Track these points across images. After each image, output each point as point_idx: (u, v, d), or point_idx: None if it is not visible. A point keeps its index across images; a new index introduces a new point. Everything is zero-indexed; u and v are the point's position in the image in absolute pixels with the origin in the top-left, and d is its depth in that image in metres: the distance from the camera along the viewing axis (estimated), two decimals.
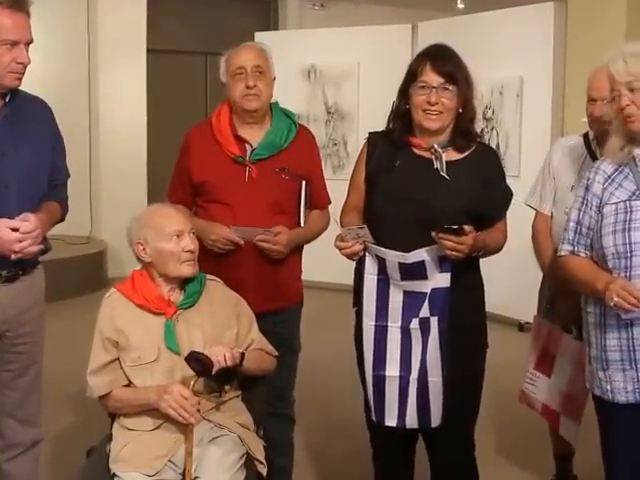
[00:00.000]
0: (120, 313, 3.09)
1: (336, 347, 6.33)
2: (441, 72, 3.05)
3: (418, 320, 3.04)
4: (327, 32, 9.01)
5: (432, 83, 3.05)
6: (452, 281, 3.00)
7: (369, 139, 3.32)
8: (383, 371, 3.09)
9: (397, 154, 3.18)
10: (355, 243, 3.01)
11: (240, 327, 3.19)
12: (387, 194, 3.15)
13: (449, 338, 3.04)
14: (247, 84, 3.48)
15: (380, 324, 3.08)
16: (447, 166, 3.10)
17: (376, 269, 3.05)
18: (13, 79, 2.98)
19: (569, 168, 3.76)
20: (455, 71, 3.08)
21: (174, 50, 10.46)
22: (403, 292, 3.04)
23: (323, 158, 8.56)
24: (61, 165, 3.33)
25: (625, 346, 2.85)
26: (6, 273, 3.07)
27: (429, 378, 3.06)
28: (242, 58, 3.52)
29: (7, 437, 3.28)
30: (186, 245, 3.07)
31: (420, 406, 3.09)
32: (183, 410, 2.88)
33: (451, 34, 7.77)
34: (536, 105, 7.13)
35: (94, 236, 9.17)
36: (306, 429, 4.59)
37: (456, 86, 3.06)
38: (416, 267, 2.98)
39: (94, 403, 3.15)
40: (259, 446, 3.11)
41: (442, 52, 3.13)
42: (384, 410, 3.12)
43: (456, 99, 3.08)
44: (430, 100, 3.05)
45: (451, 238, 2.88)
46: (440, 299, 3.02)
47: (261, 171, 3.50)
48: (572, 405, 3.57)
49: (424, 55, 3.13)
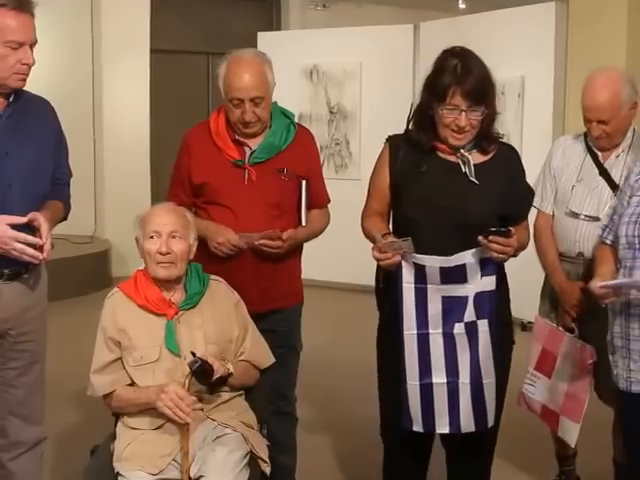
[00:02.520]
0: (122, 313, 3.11)
1: (340, 346, 6.38)
2: (469, 95, 3.00)
3: (463, 324, 3.02)
4: (329, 32, 9.02)
5: (461, 106, 3.01)
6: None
7: (391, 142, 3.25)
8: (430, 379, 3.05)
9: (422, 159, 3.14)
10: (395, 254, 2.97)
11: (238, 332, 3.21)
12: (418, 200, 3.11)
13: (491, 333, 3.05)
14: (244, 117, 3.41)
15: (422, 332, 3.03)
16: (474, 169, 3.09)
17: (413, 277, 3.01)
18: (18, 80, 2.99)
19: (570, 167, 3.77)
20: (483, 90, 3.04)
21: (177, 50, 10.46)
22: (442, 298, 3.01)
23: (325, 158, 8.68)
24: (64, 164, 3.34)
25: (624, 334, 2.92)
26: (8, 271, 3.08)
27: (484, 381, 3.04)
28: (240, 88, 3.39)
29: (10, 435, 3.29)
30: (158, 247, 3.07)
31: (476, 409, 3.07)
32: (178, 410, 2.88)
33: (453, 34, 7.77)
34: (538, 105, 7.13)
35: (98, 235, 9.18)
36: (310, 428, 4.59)
37: (484, 105, 3.04)
38: (457, 271, 2.97)
39: (98, 402, 3.16)
40: (263, 445, 3.12)
41: (470, 70, 3.03)
42: (434, 418, 3.08)
43: (482, 116, 3.06)
44: (460, 124, 3.03)
45: (499, 241, 2.90)
46: (486, 302, 3.01)
47: (260, 173, 3.49)
48: (573, 405, 3.56)
49: (453, 75, 3.02)
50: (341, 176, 8.49)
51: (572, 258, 3.75)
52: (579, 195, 3.70)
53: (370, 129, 8.23)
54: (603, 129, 3.58)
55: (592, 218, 3.64)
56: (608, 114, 3.55)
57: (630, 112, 3.61)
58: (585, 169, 3.72)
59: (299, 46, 8.82)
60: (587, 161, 3.72)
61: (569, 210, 3.72)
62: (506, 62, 7.22)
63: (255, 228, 3.42)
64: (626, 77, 3.62)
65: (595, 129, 3.60)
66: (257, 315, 3.36)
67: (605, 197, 3.64)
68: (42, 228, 2.96)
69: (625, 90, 3.56)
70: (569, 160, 3.78)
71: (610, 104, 3.54)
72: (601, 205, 3.63)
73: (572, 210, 3.71)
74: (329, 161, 8.75)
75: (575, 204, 3.71)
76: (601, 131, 3.59)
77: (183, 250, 3.11)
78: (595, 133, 3.61)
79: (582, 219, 3.68)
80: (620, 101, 3.54)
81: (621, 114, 3.57)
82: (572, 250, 3.74)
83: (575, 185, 3.72)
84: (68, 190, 3.36)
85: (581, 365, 3.54)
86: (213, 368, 2.92)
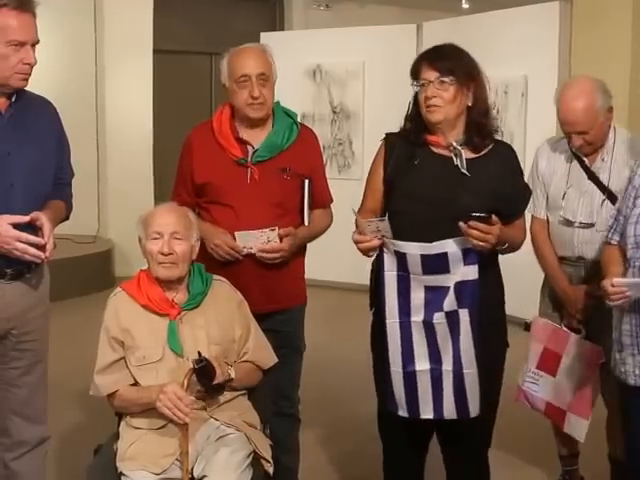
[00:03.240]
0: (125, 313, 3.11)
1: (343, 346, 6.38)
2: (436, 67, 3.06)
3: (444, 314, 3.01)
4: (332, 32, 9.00)
5: (429, 78, 3.07)
6: (481, 278, 3.00)
7: (386, 140, 3.29)
8: (413, 366, 3.07)
9: (415, 153, 3.17)
10: (374, 237, 2.99)
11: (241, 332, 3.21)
12: (408, 193, 3.13)
13: (480, 332, 3.04)
14: (252, 94, 3.45)
15: (404, 320, 3.05)
16: (466, 163, 3.09)
17: (395, 265, 3.03)
18: (20, 80, 2.99)
19: (557, 174, 3.76)
20: (452, 64, 3.08)
21: (180, 50, 10.46)
22: (424, 287, 3.02)
23: (329, 158, 8.67)
24: (66, 164, 3.34)
25: (634, 332, 2.93)
26: (11, 271, 3.07)
27: (464, 370, 3.04)
28: (246, 65, 3.47)
29: (13, 435, 3.29)
30: (160, 248, 3.07)
31: (457, 397, 3.07)
32: (177, 410, 2.88)
33: (456, 34, 7.76)
34: (541, 105, 7.09)
35: (101, 235, 9.17)
36: (313, 428, 4.60)
37: (454, 77, 3.06)
38: (438, 260, 2.96)
39: (101, 402, 3.17)
40: (266, 445, 3.11)
41: (439, 49, 3.15)
42: (418, 404, 3.10)
43: (455, 91, 3.07)
44: (427, 94, 3.07)
45: (480, 226, 2.88)
46: (468, 291, 2.99)
47: (263, 172, 3.49)
48: (581, 402, 3.57)
49: (422, 54, 3.16)
50: (344, 176, 8.48)
51: (573, 261, 3.75)
52: (571, 202, 3.70)
53: (373, 129, 8.20)
54: (584, 138, 3.58)
55: (587, 225, 3.64)
56: (585, 125, 3.54)
57: (607, 117, 3.60)
58: (573, 175, 3.71)
59: (302, 46, 8.81)
60: (574, 166, 3.71)
61: (563, 218, 3.72)
62: (509, 62, 7.24)
63: (257, 227, 3.42)
64: (597, 85, 3.61)
65: (576, 140, 3.60)
66: (260, 315, 3.36)
67: (597, 201, 3.64)
68: (44, 228, 2.96)
69: (598, 98, 3.56)
70: (555, 167, 3.78)
71: (585, 115, 3.53)
72: (594, 210, 3.63)
73: (566, 218, 3.70)
74: (332, 161, 8.74)
75: (568, 211, 3.70)
76: (582, 141, 3.59)
77: (185, 251, 3.12)
78: (577, 143, 3.61)
79: (577, 226, 3.67)
80: (595, 110, 3.54)
81: (598, 122, 3.56)
82: (572, 255, 3.74)
83: (566, 192, 3.71)
84: (70, 190, 3.36)
85: (590, 364, 3.56)
86: (215, 371, 2.92)
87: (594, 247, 3.61)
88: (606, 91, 3.61)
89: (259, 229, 3.41)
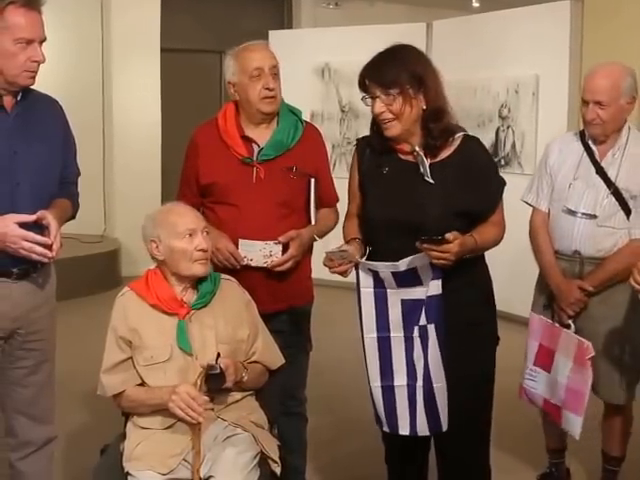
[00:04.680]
0: (133, 312, 3.09)
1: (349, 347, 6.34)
2: (378, 82, 3.03)
3: (418, 328, 3.03)
4: (341, 31, 9.00)
5: (375, 93, 3.04)
6: (462, 279, 3.00)
7: (357, 145, 3.30)
8: (391, 381, 3.08)
9: (384, 160, 3.15)
10: (342, 263, 3.02)
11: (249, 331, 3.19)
12: (377, 200, 3.14)
13: (462, 334, 3.04)
14: (267, 86, 3.45)
15: (382, 335, 3.07)
16: (433, 168, 3.05)
17: (371, 281, 3.05)
18: (28, 77, 2.99)
19: (566, 165, 3.79)
20: (395, 76, 3.02)
21: (188, 49, 10.47)
22: (401, 301, 3.03)
23: (337, 157, 8.66)
24: (72, 163, 3.34)
25: None
26: (17, 270, 3.07)
27: (434, 384, 3.04)
28: (259, 58, 3.48)
29: (19, 435, 3.29)
30: (199, 244, 3.06)
31: (429, 412, 3.07)
32: (190, 410, 2.88)
33: (466, 33, 7.79)
34: (552, 103, 7.11)
35: (108, 235, 9.21)
36: (320, 428, 4.58)
37: (398, 88, 3.01)
38: (410, 274, 2.97)
39: (108, 402, 3.16)
40: (273, 445, 3.10)
41: (379, 62, 3.11)
42: (396, 420, 3.11)
43: (403, 101, 3.01)
44: (374, 110, 3.05)
45: (433, 248, 2.86)
46: (434, 306, 2.99)
47: (269, 171, 3.48)
48: (575, 399, 3.58)
49: (364, 69, 3.12)
50: None
51: (568, 256, 3.77)
52: (576, 193, 3.72)
53: None
54: (598, 113, 3.61)
55: (589, 216, 3.67)
56: (606, 96, 3.59)
57: (627, 106, 3.66)
58: (582, 167, 3.74)
59: (311, 44, 8.83)
60: (584, 159, 3.74)
61: (566, 208, 3.74)
62: (520, 61, 7.24)
63: (263, 227, 3.42)
64: (629, 70, 3.69)
65: (590, 112, 3.63)
66: (267, 315, 3.35)
67: (602, 195, 3.67)
68: (51, 226, 2.96)
69: (626, 80, 3.64)
70: (566, 158, 3.80)
71: (610, 88, 3.60)
72: (598, 203, 3.67)
73: (569, 208, 3.73)
74: (341, 160, 8.72)
75: (572, 202, 3.72)
76: (596, 115, 3.62)
77: (210, 247, 3.13)
78: (590, 116, 3.64)
79: (579, 217, 3.69)
80: (620, 89, 3.61)
81: (619, 103, 3.62)
82: (568, 248, 3.76)
83: (572, 183, 3.74)
84: (76, 189, 3.36)
85: (580, 360, 3.56)
86: (226, 380, 2.92)
87: (592, 242, 3.67)
88: (636, 81, 3.68)
89: (263, 240, 3.41)
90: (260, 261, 3.44)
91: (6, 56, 2.92)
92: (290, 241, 3.44)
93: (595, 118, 3.62)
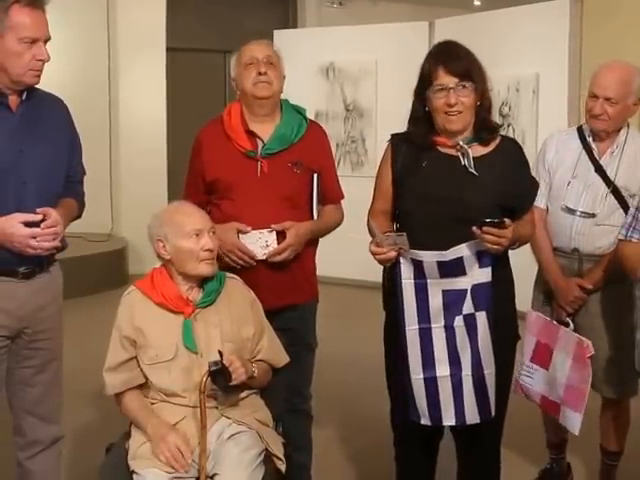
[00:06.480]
0: (139, 311, 3.10)
1: (355, 344, 6.38)
2: (455, 72, 3.04)
3: (462, 317, 3.03)
4: (345, 30, 9.02)
5: (448, 84, 3.04)
6: (496, 274, 3.02)
7: (392, 141, 3.28)
8: (434, 372, 3.07)
9: (423, 154, 3.15)
10: (390, 250, 2.99)
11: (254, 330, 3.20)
12: (418, 195, 3.13)
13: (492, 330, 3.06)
14: (259, 71, 3.48)
15: (423, 326, 3.05)
16: (474, 161, 3.09)
17: (412, 273, 3.03)
18: (33, 76, 3.00)
19: (565, 163, 3.78)
20: (469, 67, 3.07)
21: (193, 48, 10.49)
22: (442, 292, 3.03)
23: (342, 155, 8.69)
24: (78, 162, 3.35)
25: None
26: (23, 270, 3.08)
27: (485, 371, 3.05)
28: (254, 49, 3.54)
29: (27, 434, 3.30)
30: (205, 244, 3.07)
31: (479, 400, 3.08)
32: (174, 461, 2.88)
33: (468, 31, 7.75)
34: (552, 102, 7.12)
35: (115, 233, 9.22)
36: (325, 425, 4.60)
37: (472, 82, 3.05)
38: (455, 264, 2.98)
39: (113, 400, 3.17)
40: (278, 443, 3.11)
41: (452, 51, 3.12)
42: (440, 411, 3.10)
43: (474, 95, 3.07)
44: (449, 102, 3.04)
45: (493, 232, 2.89)
46: (483, 294, 3.01)
47: (273, 166, 3.49)
48: (575, 397, 3.58)
49: (435, 57, 3.11)
50: (357, 173, 8.48)
51: (567, 253, 3.78)
52: (575, 191, 3.72)
53: (386, 126, 8.10)
54: (606, 109, 3.61)
55: (588, 214, 3.68)
56: (616, 93, 3.59)
57: (633, 107, 3.66)
58: (580, 165, 3.73)
59: (315, 44, 8.84)
60: (582, 157, 3.74)
61: (565, 206, 3.74)
62: (521, 59, 7.26)
63: (267, 221, 3.42)
64: (639, 72, 3.67)
65: (599, 107, 3.62)
66: (271, 313, 3.35)
67: (601, 193, 3.67)
68: (51, 215, 2.97)
69: (637, 82, 3.63)
70: (564, 156, 3.80)
71: (622, 86, 3.60)
72: (596, 201, 3.67)
73: (568, 206, 3.73)
74: (345, 159, 8.75)
75: (571, 200, 3.72)
76: (604, 110, 3.61)
77: (217, 247, 3.15)
78: (598, 110, 3.63)
79: (578, 215, 3.70)
80: (630, 87, 3.61)
81: (627, 102, 3.62)
82: (567, 246, 3.76)
83: (570, 181, 3.74)
84: (82, 188, 3.37)
85: (579, 358, 3.56)
86: (231, 374, 2.91)
87: (591, 240, 3.68)
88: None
89: (264, 228, 3.41)
90: (259, 253, 3.44)
91: (11, 55, 2.94)
92: (286, 231, 3.45)
93: (603, 114, 3.62)
